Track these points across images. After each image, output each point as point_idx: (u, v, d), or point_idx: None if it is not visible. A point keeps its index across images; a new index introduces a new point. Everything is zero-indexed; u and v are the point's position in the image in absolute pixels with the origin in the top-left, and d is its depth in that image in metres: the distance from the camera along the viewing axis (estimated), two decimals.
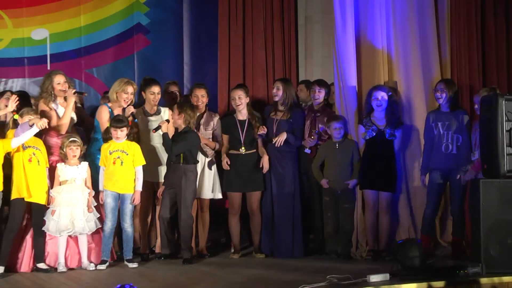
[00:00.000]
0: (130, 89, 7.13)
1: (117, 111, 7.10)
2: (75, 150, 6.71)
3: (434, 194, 7.11)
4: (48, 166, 6.72)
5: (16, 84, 8.63)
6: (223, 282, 6.00)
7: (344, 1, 7.43)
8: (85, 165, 6.80)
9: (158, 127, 7.04)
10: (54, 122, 6.89)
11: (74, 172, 6.72)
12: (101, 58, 9.01)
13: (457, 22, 7.83)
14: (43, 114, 6.79)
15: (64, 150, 6.72)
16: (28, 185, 6.55)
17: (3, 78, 8.63)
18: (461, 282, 5.84)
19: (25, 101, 7.58)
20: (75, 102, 7.15)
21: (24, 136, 6.37)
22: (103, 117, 7.08)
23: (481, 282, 5.85)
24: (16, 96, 6.73)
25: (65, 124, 6.90)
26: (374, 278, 5.72)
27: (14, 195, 6.54)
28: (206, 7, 9.26)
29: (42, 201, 6.63)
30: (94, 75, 8.89)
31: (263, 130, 7.27)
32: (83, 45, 8.98)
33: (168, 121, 7.05)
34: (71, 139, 6.75)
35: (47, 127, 6.52)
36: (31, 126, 6.37)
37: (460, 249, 7.08)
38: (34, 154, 6.58)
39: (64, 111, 6.90)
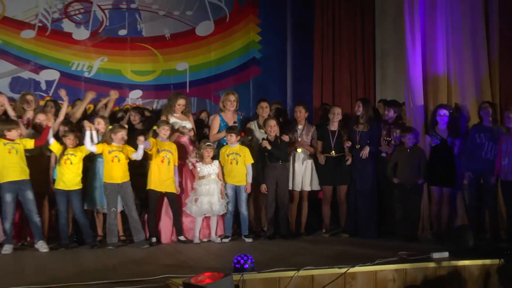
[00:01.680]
0: (232, 97, 7.23)
1: (227, 118, 7.20)
2: (210, 151, 6.81)
3: (473, 191, 6.96)
4: (177, 164, 6.79)
5: (164, 103, 8.67)
6: (317, 254, 5.98)
7: (414, 37, 7.27)
8: (216, 162, 6.87)
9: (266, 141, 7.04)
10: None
11: (209, 169, 6.80)
12: (226, 83, 9.12)
13: (504, 54, 7.47)
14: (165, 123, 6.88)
15: (202, 151, 6.84)
16: (160, 179, 6.67)
17: (155, 99, 8.92)
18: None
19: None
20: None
21: (139, 152, 6.53)
22: (214, 123, 7.24)
23: None
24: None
25: (174, 134, 6.97)
26: (436, 255, 5.58)
27: (148, 186, 6.69)
28: (304, 44, 9.27)
29: (171, 189, 6.74)
30: (219, 96, 9.04)
31: (348, 144, 7.19)
32: (212, 74, 9.14)
33: (265, 139, 7.04)
34: (207, 143, 6.86)
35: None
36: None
37: (498, 234, 6.86)
38: (166, 156, 6.69)
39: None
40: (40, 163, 6.60)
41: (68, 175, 6.38)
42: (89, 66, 8.69)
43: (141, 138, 6.51)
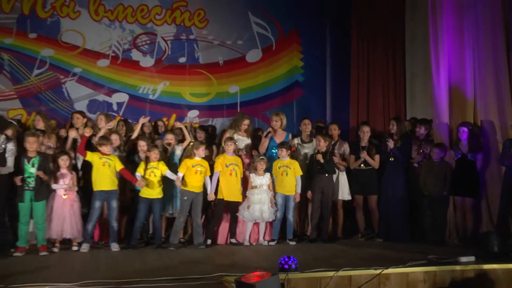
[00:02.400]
0: (274, 117, 7.21)
1: (274, 136, 7.16)
2: (263, 164, 6.78)
3: (504, 200, 6.68)
4: (242, 176, 6.81)
5: (217, 121, 8.92)
6: (353, 257, 5.92)
7: (438, 62, 7.14)
8: (268, 174, 6.84)
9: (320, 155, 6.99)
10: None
11: (262, 180, 6.79)
12: (272, 104, 9.15)
13: None
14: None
15: (255, 164, 6.83)
16: (230, 190, 6.70)
17: (210, 118, 8.99)
18: None
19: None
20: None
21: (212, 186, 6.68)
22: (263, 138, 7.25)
23: None
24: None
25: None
26: (463, 259, 5.45)
27: (219, 196, 6.71)
28: (341, 68, 9.24)
29: (238, 199, 6.77)
30: (267, 115, 9.08)
31: (390, 143, 7.07)
32: (260, 96, 9.18)
33: (319, 152, 7.01)
34: (260, 157, 6.83)
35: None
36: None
37: None
38: (233, 169, 6.74)
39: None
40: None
41: (152, 185, 6.50)
42: (154, 89, 8.89)
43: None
